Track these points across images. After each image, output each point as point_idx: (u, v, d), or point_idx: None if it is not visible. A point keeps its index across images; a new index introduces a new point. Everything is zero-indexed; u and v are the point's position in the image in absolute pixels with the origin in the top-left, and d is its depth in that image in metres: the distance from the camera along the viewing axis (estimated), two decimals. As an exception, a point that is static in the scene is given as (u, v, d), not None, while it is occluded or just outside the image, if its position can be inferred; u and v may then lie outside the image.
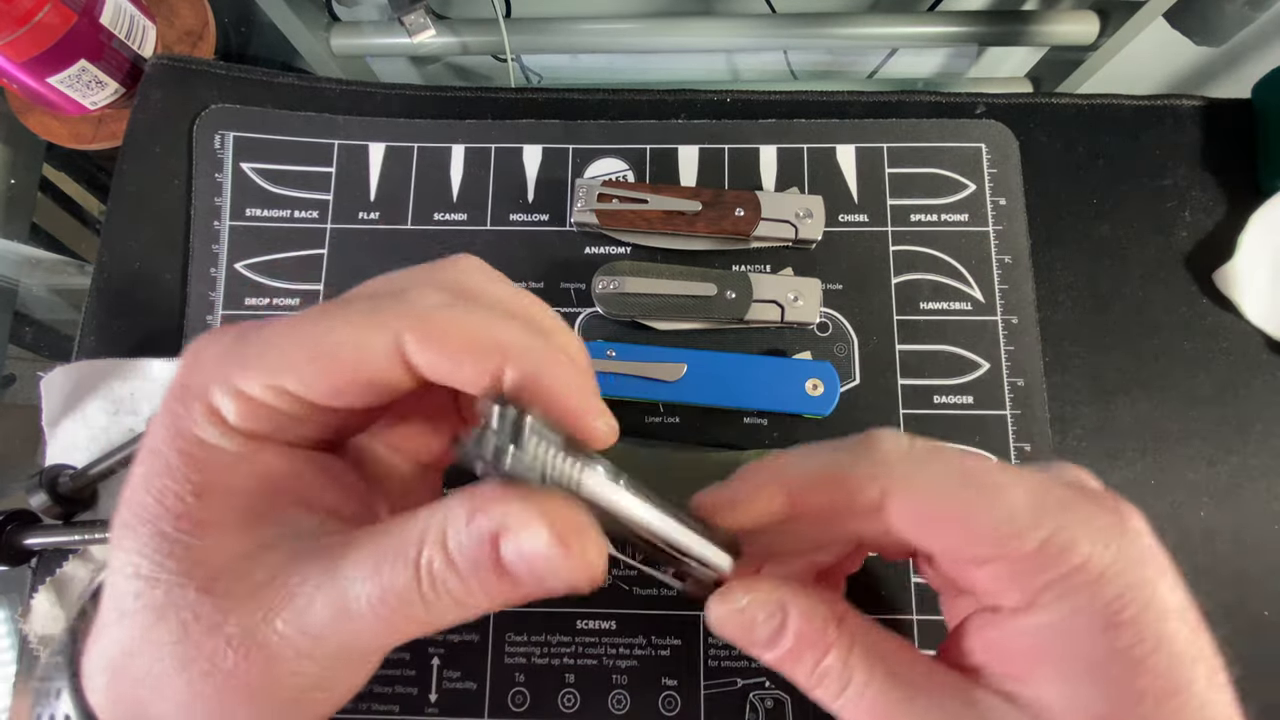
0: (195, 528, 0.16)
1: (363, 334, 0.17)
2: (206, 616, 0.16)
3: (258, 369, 0.17)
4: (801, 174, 0.37)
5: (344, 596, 0.16)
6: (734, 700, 0.31)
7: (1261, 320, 0.34)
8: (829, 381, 0.33)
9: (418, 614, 0.16)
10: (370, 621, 0.16)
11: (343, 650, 0.17)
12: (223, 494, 0.17)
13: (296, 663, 0.16)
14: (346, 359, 0.17)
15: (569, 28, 0.50)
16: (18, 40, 0.35)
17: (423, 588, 0.16)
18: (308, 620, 0.16)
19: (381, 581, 0.16)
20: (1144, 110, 0.37)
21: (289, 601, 0.16)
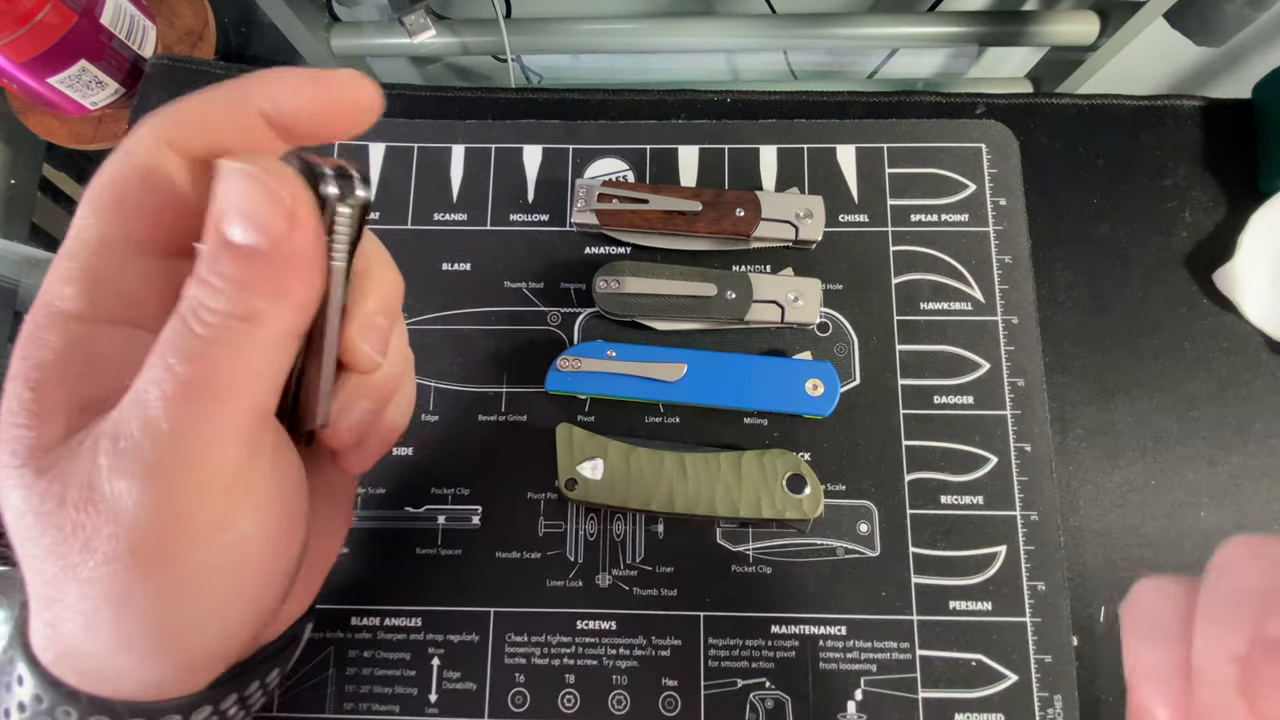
0: (31, 420, 0.16)
1: (119, 156, 0.17)
2: (51, 494, 0.15)
3: (71, 248, 0.17)
4: (801, 174, 0.37)
5: (141, 396, 0.15)
6: (734, 700, 0.31)
7: (1261, 320, 0.34)
8: (829, 381, 0.33)
9: (211, 363, 0.15)
10: (175, 404, 0.15)
11: (188, 464, 0.15)
12: (53, 381, 0.17)
13: (143, 499, 0.15)
14: (118, 184, 0.17)
15: (569, 28, 0.50)
16: (18, 40, 0.35)
17: (192, 326, 0.15)
18: (125, 444, 0.15)
19: (159, 351, 0.15)
20: (1144, 110, 0.37)
21: (107, 438, 0.15)
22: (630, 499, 0.31)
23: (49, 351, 0.17)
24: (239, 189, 0.15)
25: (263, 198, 0.15)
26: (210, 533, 0.16)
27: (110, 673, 0.17)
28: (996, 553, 0.32)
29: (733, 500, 0.31)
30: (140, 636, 0.16)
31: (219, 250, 0.15)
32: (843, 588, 0.32)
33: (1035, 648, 0.31)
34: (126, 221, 0.17)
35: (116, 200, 0.17)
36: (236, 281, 0.15)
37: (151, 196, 0.17)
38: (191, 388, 0.15)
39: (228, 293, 0.15)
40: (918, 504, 0.33)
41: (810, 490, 0.31)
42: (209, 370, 0.15)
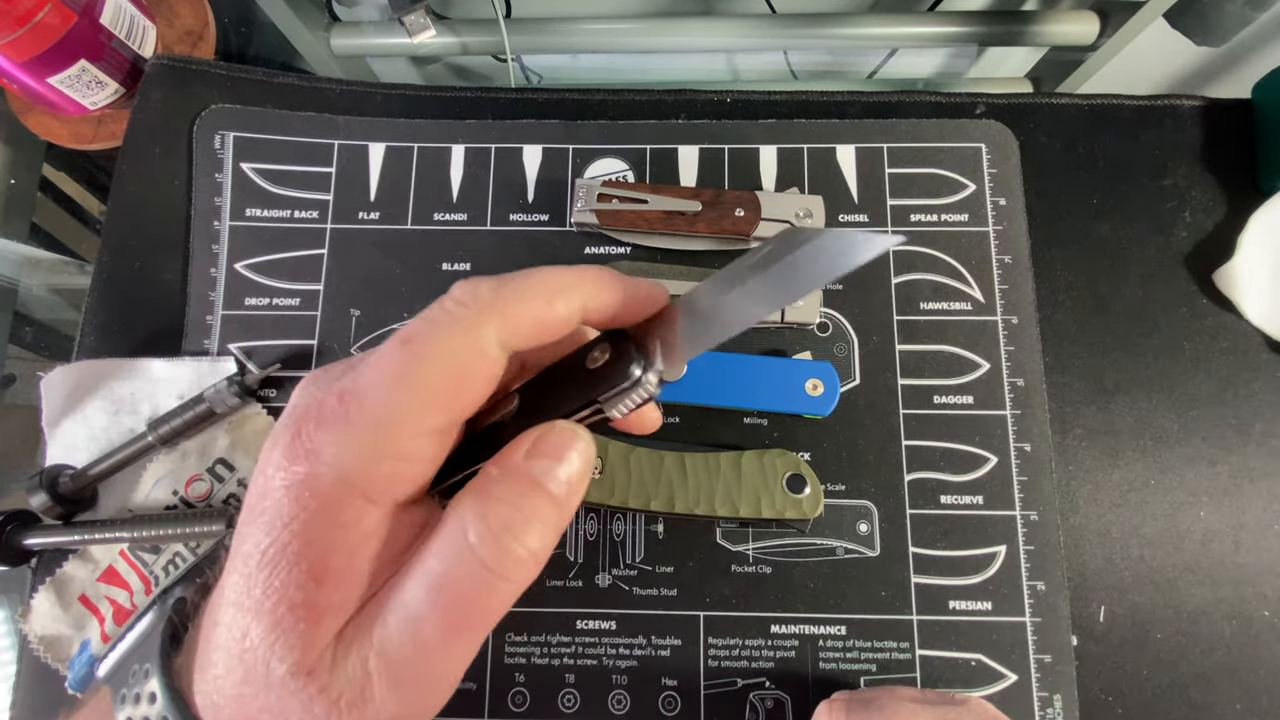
0: (313, 615, 0.16)
1: (460, 344, 0.17)
2: (321, 699, 0.16)
3: (379, 441, 0.16)
4: (801, 174, 0.37)
5: (415, 623, 0.16)
6: (734, 700, 0.31)
7: (1261, 320, 0.34)
8: (829, 381, 0.33)
9: (487, 599, 0.16)
10: (447, 636, 0.16)
11: (447, 681, 0.17)
12: (346, 575, 0.17)
13: (398, 699, 0.16)
14: (458, 379, 0.17)
15: (569, 28, 0.50)
16: (18, 40, 0.35)
17: (482, 559, 0.16)
18: (397, 661, 0.16)
19: (434, 578, 0.16)
20: (1144, 110, 0.37)
21: (377, 652, 0.16)
22: (630, 499, 0.31)
23: (339, 534, 0.16)
24: (567, 439, 0.18)
25: (586, 455, 0.18)
26: (439, 706, 0.18)
27: None
28: (996, 553, 0.32)
29: (733, 500, 0.31)
30: None
31: (532, 490, 0.17)
32: (843, 588, 0.32)
33: (1035, 648, 0.31)
34: (446, 409, 0.17)
35: (445, 389, 0.17)
36: (541, 520, 0.17)
37: (476, 388, 0.17)
38: (469, 624, 0.16)
39: (534, 527, 0.17)
40: (918, 504, 0.33)
41: (810, 490, 0.31)
42: (490, 609, 0.17)
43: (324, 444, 0.16)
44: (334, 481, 0.16)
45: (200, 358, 0.34)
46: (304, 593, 0.16)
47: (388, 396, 0.16)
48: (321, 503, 0.16)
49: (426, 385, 0.16)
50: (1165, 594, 0.32)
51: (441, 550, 0.17)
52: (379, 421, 0.16)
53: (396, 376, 0.16)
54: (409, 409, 0.16)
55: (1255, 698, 0.31)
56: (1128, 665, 0.31)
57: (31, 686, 0.31)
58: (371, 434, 0.16)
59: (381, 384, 0.16)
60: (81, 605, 0.32)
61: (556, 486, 0.17)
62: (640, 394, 0.18)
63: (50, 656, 0.31)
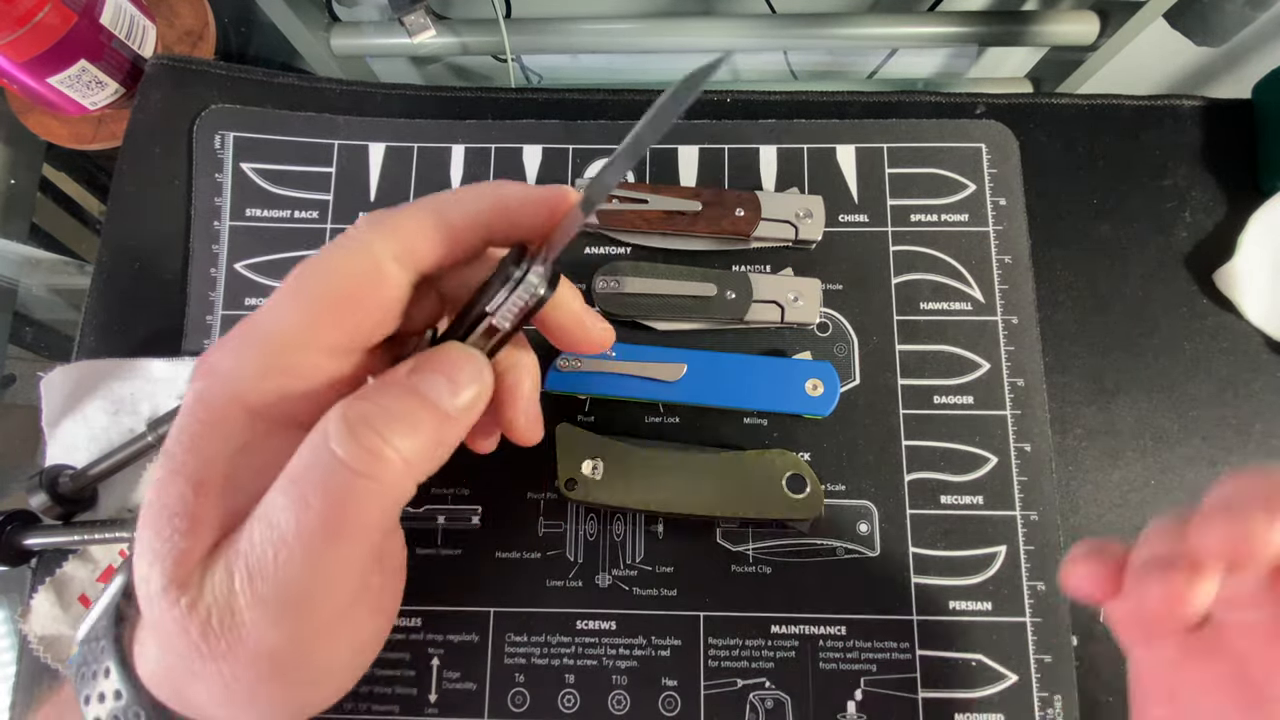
0: (190, 526, 0.16)
1: (348, 260, 0.17)
2: (195, 617, 0.16)
3: (269, 354, 0.17)
4: (801, 174, 0.37)
5: (277, 528, 0.15)
6: (734, 700, 0.31)
7: (1261, 320, 0.34)
8: (829, 381, 0.33)
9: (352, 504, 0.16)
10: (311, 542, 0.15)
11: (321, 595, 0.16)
12: (222, 484, 0.17)
13: (268, 618, 0.16)
14: (347, 295, 0.17)
15: (569, 28, 0.50)
16: (18, 40, 0.35)
17: (339, 456, 0.16)
18: (262, 575, 0.15)
19: (295, 480, 0.16)
20: (1144, 110, 0.37)
21: (243, 566, 0.16)
22: (630, 499, 0.31)
23: (222, 446, 0.16)
24: (454, 356, 0.17)
25: (471, 371, 0.17)
26: (337, 642, 0.17)
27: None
28: (996, 553, 0.32)
29: (733, 500, 0.31)
30: (263, 711, 0.17)
31: (406, 392, 0.16)
32: (843, 588, 0.32)
33: (1035, 648, 0.31)
34: (336, 325, 0.17)
35: (332, 303, 0.17)
36: (411, 420, 0.16)
37: (365, 305, 0.17)
38: (328, 527, 0.15)
39: (399, 424, 0.16)
40: (918, 504, 0.33)
41: (810, 490, 0.31)
42: (349, 510, 0.15)
43: (220, 361, 0.17)
44: (224, 396, 0.16)
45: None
46: (182, 503, 0.16)
47: (278, 313, 0.17)
48: (209, 415, 0.16)
49: (313, 300, 0.17)
50: (1165, 594, 0.32)
51: (302, 451, 0.16)
52: (268, 336, 0.17)
53: (287, 294, 0.17)
54: (297, 324, 0.17)
55: (1255, 698, 0.31)
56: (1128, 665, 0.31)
57: (31, 687, 0.31)
58: (260, 348, 0.17)
59: (273, 303, 0.17)
60: (81, 605, 0.32)
61: (436, 395, 0.17)
62: (523, 294, 0.18)
63: (50, 656, 0.31)
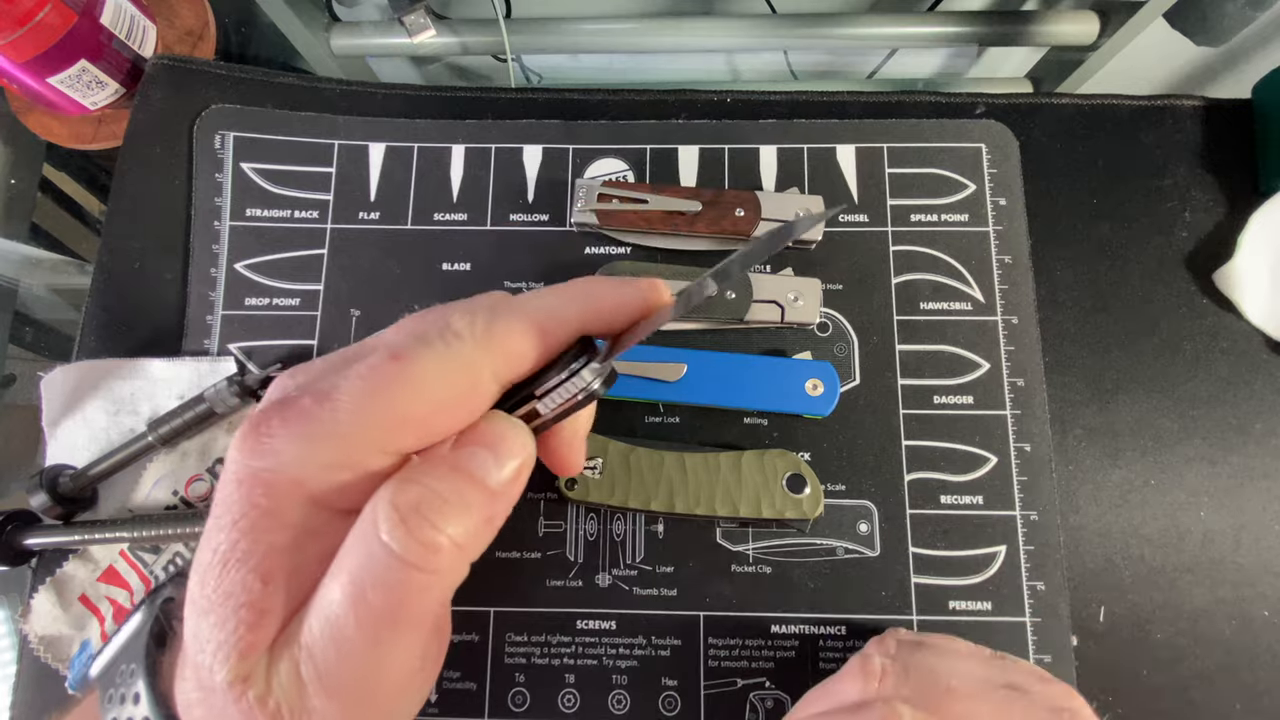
0: (256, 619, 0.16)
1: (455, 375, 0.16)
2: (261, 709, 0.16)
3: (343, 451, 0.16)
4: (801, 174, 0.37)
5: (335, 622, 0.15)
6: (734, 700, 0.31)
7: (1261, 320, 0.34)
8: (829, 381, 0.33)
9: (406, 593, 0.16)
10: (368, 633, 0.15)
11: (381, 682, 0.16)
12: (287, 575, 0.16)
13: (335, 706, 0.16)
14: (443, 409, 0.16)
15: (569, 28, 0.50)
16: (18, 40, 0.35)
17: (390, 547, 0.15)
18: (324, 664, 0.15)
19: (350, 571, 0.15)
20: (1144, 110, 0.37)
21: (306, 656, 0.16)
22: (630, 499, 0.31)
23: (286, 535, 0.16)
24: (500, 430, 0.17)
25: (517, 445, 0.17)
26: (398, 713, 0.17)
27: None
28: (996, 553, 0.32)
29: (733, 500, 0.31)
30: None
31: (455, 473, 0.16)
32: (843, 588, 0.32)
33: (1035, 648, 0.31)
34: (421, 435, 0.16)
35: (423, 417, 0.16)
36: (462, 504, 0.16)
37: (456, 418, 0.17)
38: (389, 620, 0.15)
39: (452, 510, 0.16)
40: (918, 504, 0.33)
41: (810, 490, 0.31)
42: (408, 604, 0.15)
43: (285, 442, 0.16)
44: (288, 481, 0.16)
45: (200, 358, 0.34)
46: (249, 594, 0.15)
47: (366, 408, 0.16)
48: (272, 502, 0.16)
49: (408, 407, 0.16)
50: (1165, 594, 0.32)
51: (353, 543, 0.16)
52: (350, 432, 0.16)
53: (379, 391, 0.16)
54: (383, 427, 0.16)
55: (1255, 698, 0.31)
56: (1128, 665, 0.31)
57: (31, 686, 0.31)
58: (337, 442, 0.16)
59: (362, 394, 0.16)
60: (81, 605, 0.32)
61: (484, 472, 0.16)
62: (575, 386, 0.18)
63: (50, 656, 0.31)
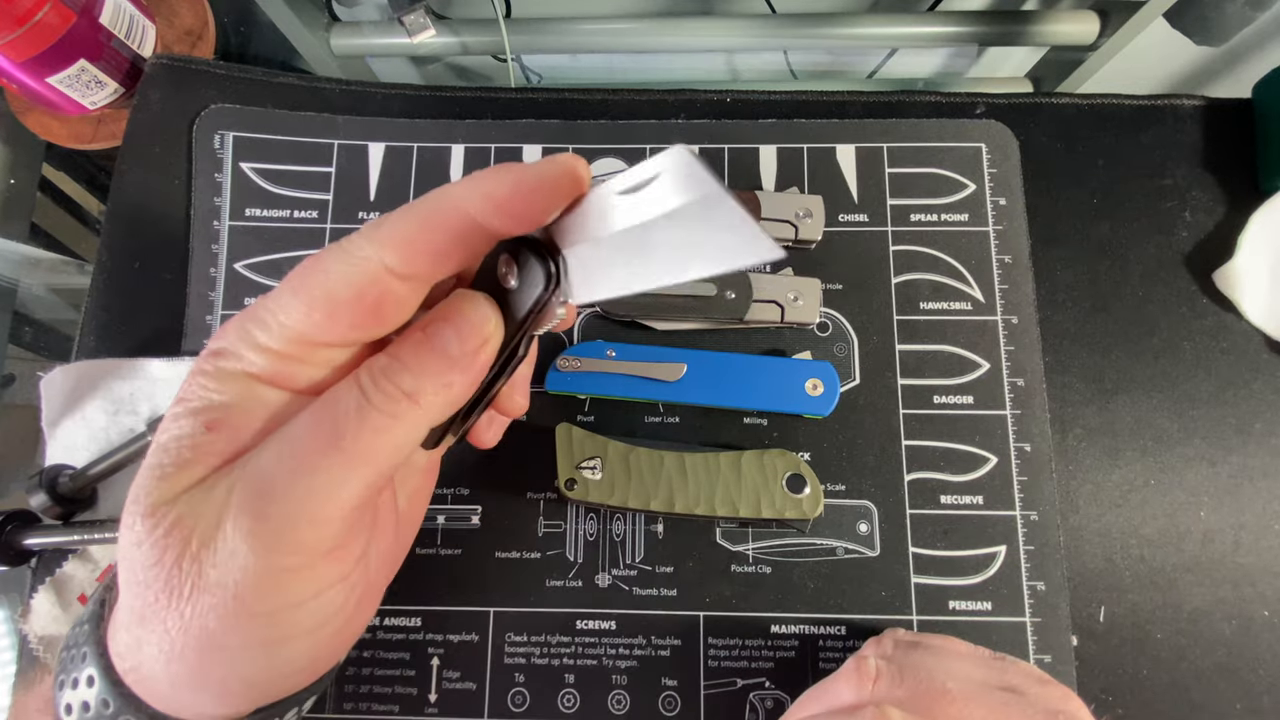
0: (195, 455, 0.17)
1: (341, 267, 0.18)
2: (177, 530, 0.16)
3: (271, 326, 0.18)
4: (801, 174, 0.37)
5: (287, 442, 0.17)
6: (734, 700, 0.31)
7: (1261, 320, 0.34)
8: (829, 381, 0.33)
9: (362, 428, 0.17)
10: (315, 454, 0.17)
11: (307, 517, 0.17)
12: (234, 429, 0.17)
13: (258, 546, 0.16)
14: (346, 298, 0.18)
15: (569, 28, 0.50)
16: (17, 40, 0.35)
17: (364, 388, 0.17)
18: (257, 484, 0.16)
19: (316, 406, 0.17)
20: (1144, 110, 0.37)
21: (244, 481, 0.17)
22: (630, 499, 0.31)
23: (232, 395, 0.17)
24: (460, 307, 0.19)
25: (474, 322, 0.19)
26: (308, 594, 0.17)
27: (175, 701, 0.17)
28: (996, 553, 0.32)
29: (733, 500, 0.31)
30: (217, 679, 0.17)
31: (419, 344, 0.18)
32: (843, 588, 0.32)
33: (1035, 648, 0.31)
34: (338, 327, 0.18)
35: (333, 308, 0.18)
36: (420, 368, 0.18)
37: (366, 311, 0.18)
38: (335, 443, 0.17)
39: (410, 373, 0.18)
40: (918, 504, 0.33)
41: (810, 490, 0.31)
42: (364, 435, 0.17)
43: (230, 332, 0.18)
44: (230, 354, 0.18)
45: (200, 358, 0.34)
46: (191, 436, 0.17)
47: (280, 299, 0.18)
48: (218, 366, 0.18)
49: (312, 295, 0.18)
50: (1165, 594, 0.32)
51: (328, 393, 0.18)
52: (281, 324, 0.18)
53: (291, 288, 0.18)
54: (294, 310, 0.18)
55: (1255, 698, 0.31)
56: (1128, 665, 0.31)
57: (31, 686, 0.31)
58: (277, 333, 0.18)
59: (281, 294, 0.18)
60: (81, 605, 0.32)
61: (443, 342, 0.18)
62: (558, 312, 0.19)
63: (50, 656, 0.31)
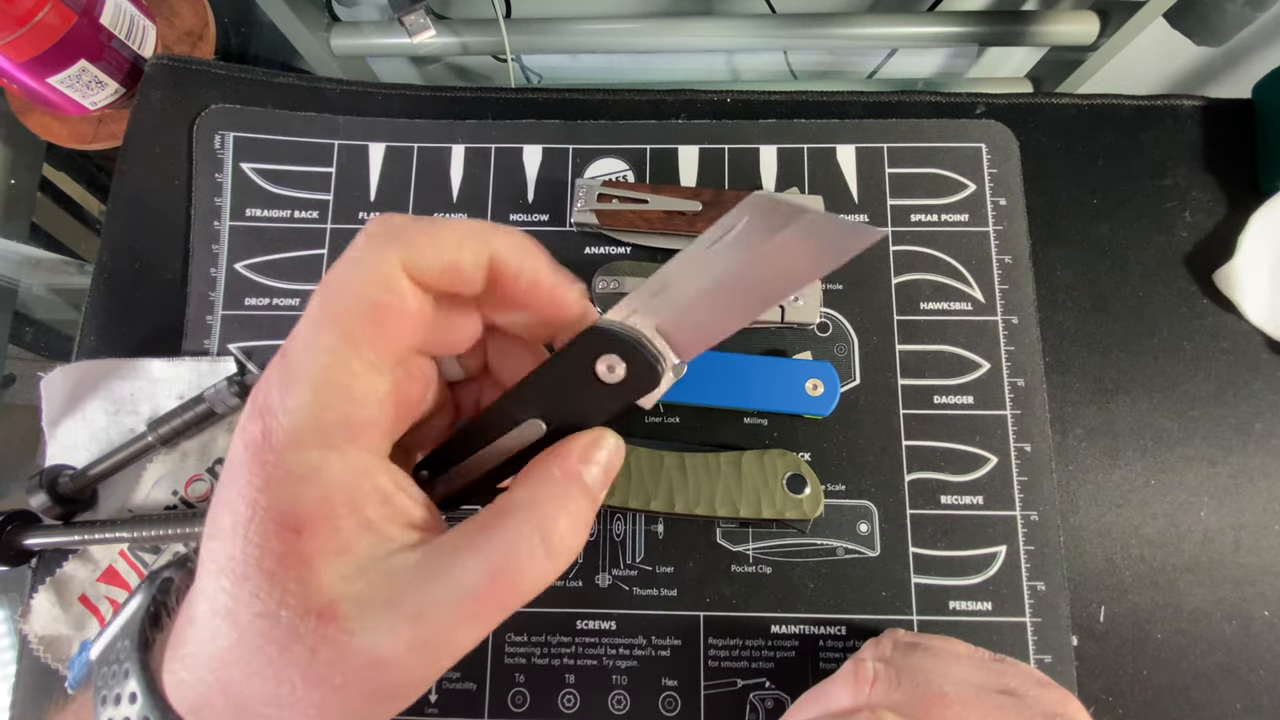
0: (303, 563, 0.16)
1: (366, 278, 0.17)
2: (331, 640, 0.16)
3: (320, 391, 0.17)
4: (801, 174, 0.37)
5: (460, 589, 0.17)
6: (734, 700, 0.31)
7: (1261, 320, 0.34)
8: (829, 381, 0.33)
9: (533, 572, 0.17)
10: (486, 601, 0.17)
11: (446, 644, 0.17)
12: (322, 521, 0.17)
13: (404, 667, 0.16)
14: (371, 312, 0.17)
15: (569, 28, 0.50)
16: (18, 40, 0.35)
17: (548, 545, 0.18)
18: (423, 629, 0.16)
19: (495, 561, 0.17)
20: (1144, 110, 0.37)
21: (408, 618, 0.16)
22: (630, 499, 0.31)
23: (308, 490, 0.17)
24: (602, 442, 0.21)
25: (610, 467, 0.20)
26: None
27: None
28: (996, 553, 0.32)
29: (733, 500, 0.31)
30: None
31: (579, 489, 0.19)
32: (843, 588, 0.32)
33: (1035, 648, 0.31)
34: (374, 347, 0.17)
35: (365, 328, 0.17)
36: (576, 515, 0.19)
37: (401, 325, 0.17)
38: (511, 594, 0.17)
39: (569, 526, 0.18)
40: (918, 504, 0.33)
41: (810, 490, 0.31)
42: (531, 581, 0.18)
43: (272, 400, 0.17)
44: (288, 434, 0.16)
45: (200, 358, 0.34)
46: (285, 544, 0.16)
47: (311, 341, 0.17)
48: (279, 457, 0.16)
49: (339, 323, 0.17)
50: (1165, 594, 0.32)
51: (507, 539, 0.18)
52: (308, 366, 0.17)
53: (315, 320, 0.17)
54: (330, 350, 0.17)
55: (1255, 698, 0.31)
56: (1128, 665, 0.31)
57: (31, 686, 0.31)
58: (305, 380, 0.17)
59: (304, 330, 0.17)
60: (81, 605, 0.32)
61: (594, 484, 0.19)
62: (662, 390, 0.21)
63: (50, 656, 0.31)
